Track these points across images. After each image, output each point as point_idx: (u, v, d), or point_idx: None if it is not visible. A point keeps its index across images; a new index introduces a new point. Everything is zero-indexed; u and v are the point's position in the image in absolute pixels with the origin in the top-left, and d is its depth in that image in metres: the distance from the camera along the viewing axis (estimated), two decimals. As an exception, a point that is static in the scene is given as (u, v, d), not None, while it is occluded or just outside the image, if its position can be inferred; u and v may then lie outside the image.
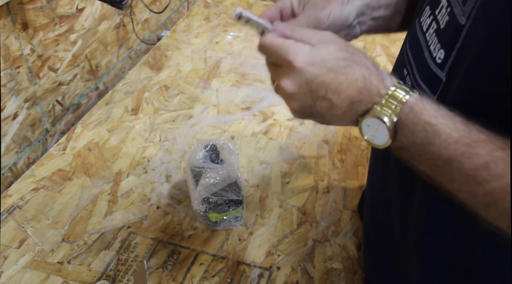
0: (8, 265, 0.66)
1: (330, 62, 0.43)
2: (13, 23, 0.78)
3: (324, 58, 0.43)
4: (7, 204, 0.76)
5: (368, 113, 0.42)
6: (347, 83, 0.42)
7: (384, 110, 0.40)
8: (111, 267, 0.67)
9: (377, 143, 0.42)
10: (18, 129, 0.85)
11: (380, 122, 0.41)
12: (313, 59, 0.43)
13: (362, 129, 0.43)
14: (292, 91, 0.43)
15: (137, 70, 1.10)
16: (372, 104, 0.41)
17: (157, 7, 1.27)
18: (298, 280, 0.66)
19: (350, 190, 0.82)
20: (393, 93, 0.41)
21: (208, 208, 0.68)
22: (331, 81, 0.42)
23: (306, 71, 0.42)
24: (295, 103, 0.44)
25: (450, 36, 0.44)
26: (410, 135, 0.40)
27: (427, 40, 0.48)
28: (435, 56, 0.45)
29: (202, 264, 0.68)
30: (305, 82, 0.43)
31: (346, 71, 0.42)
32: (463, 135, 0.38)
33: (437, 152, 0.39)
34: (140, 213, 0.75)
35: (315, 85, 0.42)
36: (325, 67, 0.42)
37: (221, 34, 1.25)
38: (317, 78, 0.42)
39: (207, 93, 1.03)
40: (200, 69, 1.11)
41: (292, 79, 0.43)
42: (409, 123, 0.40)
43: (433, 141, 0.39)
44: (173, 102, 1.00)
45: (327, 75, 0.42)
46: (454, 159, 0.38)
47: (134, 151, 0.87)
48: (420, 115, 0.39)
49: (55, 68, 0.92)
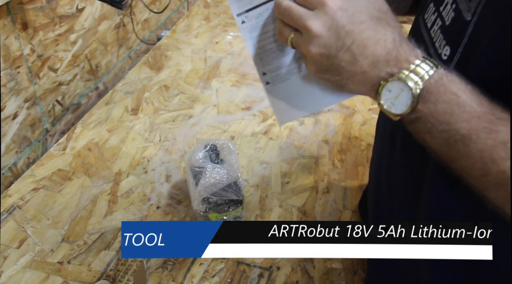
0: (8, 265, 0.66)
1: (363, 15, 0.41)
2: (13, 23, 0.78)
3: (359, 8, 0.42)
4: (7, 204, 0.76)
5: (392, 77, 0.40)
6: (375, 40, 0.40)
7: (412, 76, 0.39)
8: (111, 267, 0.67)
9: (394, 111, 0.41)
10: (18, 129, 0.85)
11: (406, 86, 0.39)
12: (348, 6, 0.41)
13: (381, 94, 0.41)
14: (319, 32, 0.41)
15: (137, 70, 1.10)
16: (399, 68, 0.40)
17: (157, 7, 1.27)
18: (298, 280, 0.67)
19: (350, 190, 0.82)
20: (423, 62, 0.40)
21: (208, 208, 0.68)
22: (360, 33, 0.41)
23: (340, 15, 0.41)
24: (317, 47, 0.42)
25: (455, 32, 0.43)
26: (433, 104, 0.39)
27: (431, 37, 0.47)
28: (441, 53, 0.45)
29: (202, 264, 0.68)
30: (336, 26, 0.41)
31: (377, 29, 0.41)
32: (487, 111, 0.37)
33: (457, 125, 0.38)
34: (140, 213, 0.75)
35: (344, 32, 0.41)
36: (357, 18, 0.41)
37: (221, 34, 1.25)
38: (347, 25, 0.41)
39: (207, 93, 1.03)
40: (200, 69, 1.11)
41: (323, 20, 0.41)
42: (435, 92, 0.39)
43: (456, 112, 0.38)
44: (173, 102, 1.00)
45: (358, 25, 0.41)
46: (473, 133, 0.37)
47: (134, 151, 0.87)
48: (448, 86, 0.38)
49: (55, 68, 0.92)
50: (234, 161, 0.71)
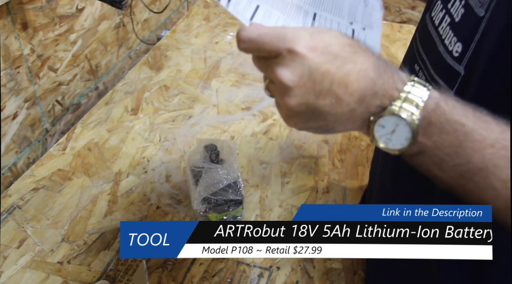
0: (8, 265, 0.66)
1: (335, 47, 0.36)
2: (13, 23, 0.78)
3: (328, 42, 0.36)
4: (7, 204, 0.76)
5: (384, 111, 0.35)
6: (357, 73, 0.35)
7: (406, 106, 0.34)
8: (111, 267, 0.67)
9: (393, 147, 0.36)
10: (18, 129, 0.85)
11: (401, 120, 0.35)
12: (316, 44, 0.35)
13: (375, 131, 0.36)
14: (291, 82, 0.36)
15: (137, 70, 1.10)
16: (389, 100, 0.35)
17: (157, 7, 1.27)
18: (298, 280, 0.67)
19: (350, 190, 0.82)
20: (413, 86, 0.35)
21: (208, 208, 0.68)
22: (336, 70, 0.35)
23: (310, 57, 0.35)
24: (293, 99, 0.36)
25: (467, 28, 0.41)
26: (437, 136, 0.34)
27: (440, 34, 0.45)
28: (452, 50, 0.42)
29: (202, 264, 0.68)
30: (308, 71, 0.35)
31: (354, 59, 0.35)
32: (499, 137, 0.33)
33: (470, 157, 0.34)
34: (140, 213, 0.75)
35: (319, 75, 0.35)
36: (330, 54, 0.35)
37: (221, 34, 1.25)
38: (321, 66, 0.35)
39: (207, 93, 1.03)
40: (200, 69, 1.11)
41: (292, 68, 0.36)
42: (436, 121, 0.34)
43: (465, 144, 0.34)
44: (173, 102, 1.00)
45: (332, 62, 0.35)
46: (490, 164, 0.33)
47: (134, 151, 0.87)
48: (449, 113, 0.34)
49: (55, 68, 0.92)
50: (234, 161, 0.71)
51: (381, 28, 0.52)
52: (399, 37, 1.28)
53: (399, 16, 1.84)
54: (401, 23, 1.40)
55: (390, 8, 1.84)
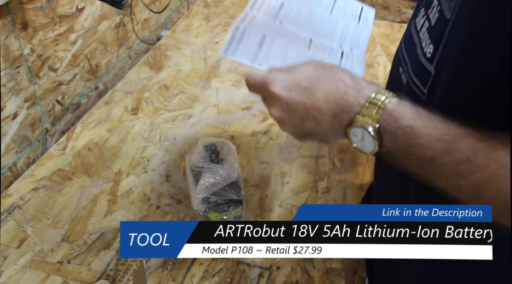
0: (8, 265, 0.67)
1: (303, 82, 0.46)
2: (13, 23, 0.78)
3: (298, 79, 0.46)
4: (7, 204, 0.76)
5: (352, 123, 0.43)
6: (324, 98, 0.44)
7: (365, 119, 0.42)
8: (111, 267, 0.67)
9: (366, 150, 0.44)
10: (18, 129, 0.85)
11: (364, 130, 0.42)
12: (288, 83, 0.46)
13: (351, 139, 0.44)
14: (279, 116, 0.47)
15: (137, 70, 1.10)
16: (354, 114, 0.43)
17: (157, 7, 1.27)
18: (298, 280, 0.67)
19: (350, 190, 0.82)
20: (372, 100, 0.42)
21: (208, 208, 0.68)
22: (307, 100, 0.45)
23: (283, 96, 0.46)
24: (286, 127, 0.48)
25: (438, 31, 0.46)
26: (393, 139, 0.41)
27: (420, 38, 0.50)
28: (425, 51, 0.47)
29: (202, 264, 0.68)
30: (286, 106, 0.46)
31: (320, 88, 0.45)
32: (443, 132, 0.39)
33: (421, 153, 0.40)
34: (140, 213, 0.75)
35: (294, 106, 0.45)
36: (299, 88, 0.45)
37: (221, 34, 1.25)
38: (294, 100, 0.45)
39: (207, 93, 1.03)
40: (200, 69, 1.11)
41: (275, 106, 0.47)
42: (390, 128, 0.41)
43: (415, 142, 0.40)
44: (173, 102, 1.00)
45: (302, 95, 0.45)
46: (437, 156, 0.39)
47: (134, 151, 0.87)
48: (400, 119, 0.41)
49: (55, 68, 0.92)
50: (234, 161, 0.71)
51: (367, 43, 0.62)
52: (399, 37, 1.28)
53: (399, 16, 1.84)
54: (401, 23, 1.40)
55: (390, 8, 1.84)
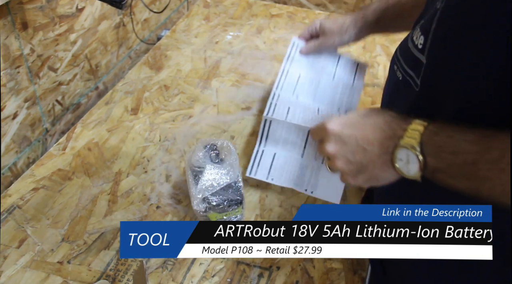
0: (8, 265, 0.67)
1: (353, 119, 0.53)
2: (13, 23, 0.78)
3: (349, 118, 0.53)
4: (7, 204, 0.76)
5: (396, 147, 0.47)
6: (372, 129, 0.49)
7: (409, 139, 0.45)
8: (111, 267, 0.67)
9: (412, 172, 0.46)
10: (18, 129, 0.85)
11: (408, 150, 0.45)
12: (340, 121, 0.53)
13: (397, 166, 0.47)
14: (332, 151, 0.53)
15: (137, 70, 1.10)
16: (398, 138, 0.47)
17: (157, 7, 1.27)
18: (298, 280, 0.67)
19: (350, 190, 0.82)
20: (412, 123, 0.46)
21: (208, 208, 0.68)
22: (357, 132, 0.51)
23: (337, 130, 0.53)
24: (339, 161, 0.53)
25: (428, 21, 0.48)
26: (437, 153, 0.44)
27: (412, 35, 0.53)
28: (417, 43, 0.50)
29: (202, 264, 0.68)
30: (339, 139, 0.52)
31: (368, 121, 0.51)
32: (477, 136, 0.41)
33: (463, 158, 0.42)
34: (140, 213, 0.75)
35: (346, 138, 0.51)
36: (351, 124, 0.52)
37: (221, 34, 1.25)
38: (346, 133, 0.52)
39: (207, 93, 1.03)
40: (200, 69, 1.11)
41: (329, 141, 0.53)
42: (433, 142, 0.44)
43: (457, 150, 0.42)
44: (173, 102, 1.00)
45: (353, 128, 0.51)
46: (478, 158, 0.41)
47: (134, 151, 0.87)
48: (440, 133, 0.44)
49: (55, 68, 0.92)
50: (234, 161, 0.71)
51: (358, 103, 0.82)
52: (399, 37, 1.27)
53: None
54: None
55: (390, 8, 1.83)
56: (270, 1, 1.44)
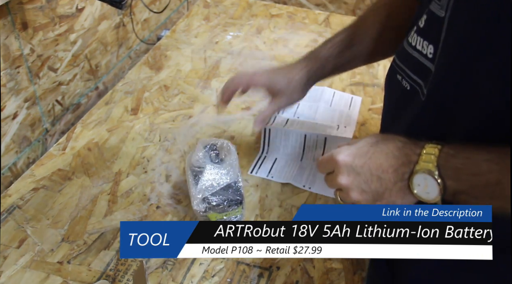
0: (7, 265, 0.66)
1: (364, 148, 0.50)
2: (13, 23, 0.78)
3: (359, 147, 0.51)
4: (7, 204, 0.76)
5: (413, 173, 0.46)
6: (384, 156, 0.48)
7: (424, 164, 0.45)
8: (111, 267, 0.67)
9: (432, 196, 0.45)
10: (18, 129, 0.85)
11: (426, 175, 0.45)
12: (351, 151, 0.51)
13: (415, 192, 0.46)
14: (345, 183, 0.50)
15: (137, 70, 1.10)
16: (413, 163, 0.46)
17: (157, 7, 1.27)
18: (298, 280, 0.67)
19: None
20: (426, 147, 0.45)
21: (208, 208, 0.68)
22: (369, 161, 0.49)
23: (349, 161, 0.50)
24: (354, 192, 0.50)
25: (434, 30, 0.47)
26: (456, 175, 0.44)
27: (409, 42, 0.52)
28: (426, 53, 0.48)
29: (201, 264, 0.68)
30: (352, 170, 0.50)
31: (379, 149, 0.49)
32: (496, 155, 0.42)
33: (486, 179, 0.42)
34: (140, 213, 0.75)
35: (359, 169, 0.49)
36: (361, 153, 0.50)
37: (221, 34, 1.25)
38: (358, 163, 0.49)
39: (207, 93, 1.03)
40: (200, 69, 1.11)
41: (341, 173, 0.50)
42: (451, 165, 0.44)
43: (478, 171, 0.42)
44: (173, 102, 1.00)
45: (365, 157, 0.49)
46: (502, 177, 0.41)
47: (134, 151, 0.87)
48: (457, 155, 0.44)
49: (55, 68, 0.92)
50: (234, 161, 0.71)
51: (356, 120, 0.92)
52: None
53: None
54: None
55: (390, 8, 1.83)
56: (270, 1, 1.44)
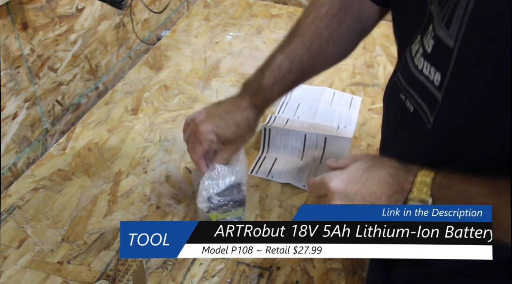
0: (8, 265, 0.66)
1: (356, 174, 0.50)
2: (13, 23, 0.78)
3: (352, 173, 0.51)
4: (7, 204, 0.76)
5: (407, 202, 0.46)
6: (377, 183, 0.48)
7: (418, 193, 0.45)
8: (111, 267, 0.67)
9: None
10: (18, 129, 0.85)
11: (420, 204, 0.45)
12: (343, 178, 0.51)
13: None
14: None
15: (137, 70, 1.10)
16: (407, 192, 0.46)
17: (157, 7, 1.27)
18: (298, 280, 0.67)
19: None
20: (420, 175, 0.46)
21: (212, 208, 0.68)
22: (363, 188, 0.49)
23: (342, 188, 0.50)
24: None
25: (442, 59, 0.46)
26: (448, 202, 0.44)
27: (415, 64, 0.51)
28: (433, 79, 0.47)
29: (202, 264, 0.68)
30: (345, 197, 0.50)
31: (371, 175, 0.49)
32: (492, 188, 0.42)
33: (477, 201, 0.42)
34: (140, 213, 0.75)
35: (353, 195, 0.49)
36: (354, 180, 0.50)
37: (221, 34, 1.25)
38: (352, 190, 0.50)
39: (207, 93, 1.03)
40: (200, 69, 1.11)
41: (335, 200, 0.51)
42: (444, 196, 0.44)
43: (468, 202, 0.42)
44: (173, 102, 1.00)
45: (358, 184, 0.49)
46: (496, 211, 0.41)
47: (134, 151, 0.87)
48: (451, 187, 0.44)
49: (55, 68, 0.92)
50: (240, 160, 0.70)
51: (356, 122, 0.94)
52: (399, 37, 1.27)
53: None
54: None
55: (390, 8, 1.83)
56: (270, 1, 1.44)
